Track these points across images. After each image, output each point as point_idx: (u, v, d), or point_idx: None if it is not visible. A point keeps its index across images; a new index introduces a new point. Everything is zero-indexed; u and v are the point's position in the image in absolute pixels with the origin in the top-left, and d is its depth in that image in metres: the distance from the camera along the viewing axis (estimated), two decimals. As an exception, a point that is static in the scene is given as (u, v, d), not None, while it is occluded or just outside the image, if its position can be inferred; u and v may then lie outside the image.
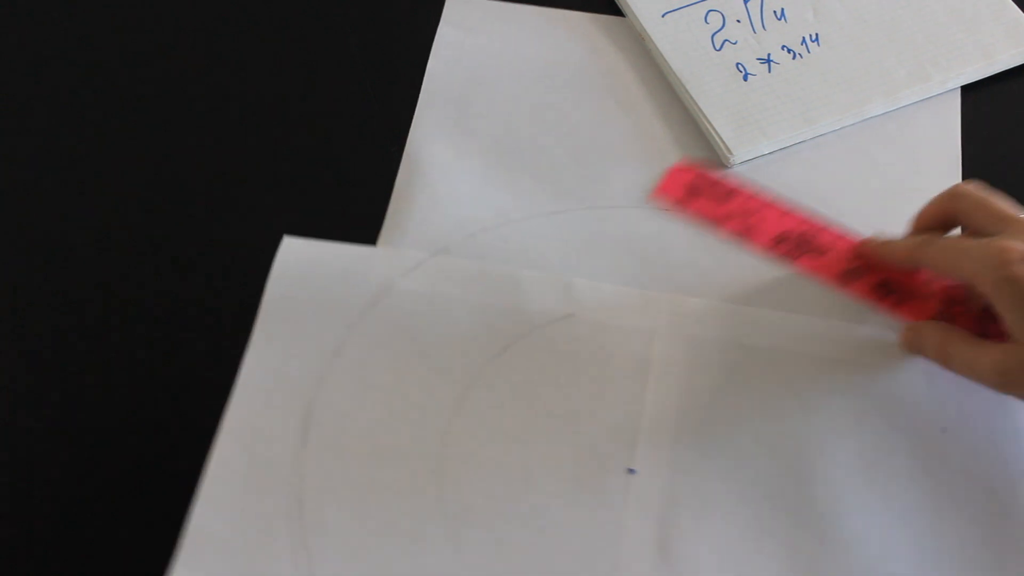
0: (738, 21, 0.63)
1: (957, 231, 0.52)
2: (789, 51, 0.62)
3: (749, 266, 0.55)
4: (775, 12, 0.64)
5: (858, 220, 0.57)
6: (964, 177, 0.59)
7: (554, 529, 0.48)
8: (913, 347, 0.51)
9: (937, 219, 0.51)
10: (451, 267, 0.55)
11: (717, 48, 0.62)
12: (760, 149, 0.59)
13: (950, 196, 0.51)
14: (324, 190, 0.58)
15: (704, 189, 0.55)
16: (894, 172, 0.59)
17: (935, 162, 0.59)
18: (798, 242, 0.53)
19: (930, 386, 0.51)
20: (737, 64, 0.62)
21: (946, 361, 0.49)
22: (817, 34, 0.63)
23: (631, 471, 0.49)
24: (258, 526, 0.47)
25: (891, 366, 0.51)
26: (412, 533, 0.47)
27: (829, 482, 0.49)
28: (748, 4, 0.64)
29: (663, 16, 0.63)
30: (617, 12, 0.65)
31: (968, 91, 0.62)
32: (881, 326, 0.53)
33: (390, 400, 0.50)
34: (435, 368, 0.51)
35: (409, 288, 0.54)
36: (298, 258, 0.55)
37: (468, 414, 0.50)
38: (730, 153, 0.58)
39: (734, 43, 0.62)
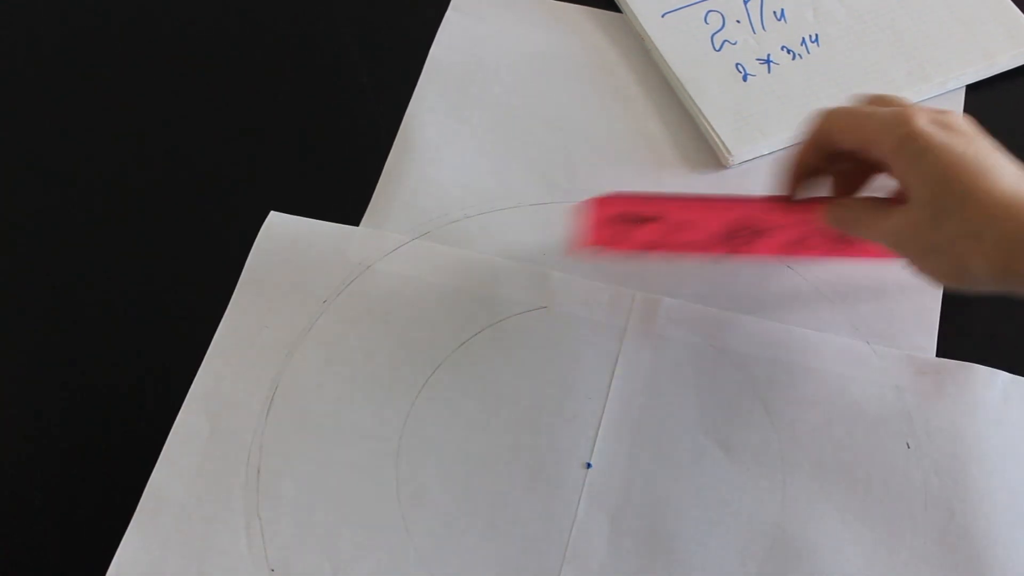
0: (738, 22, 0.63)
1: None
2: (789, 51, 0.62)
3: (725, 269, 0.55)
4: (775, 13, 0.63)
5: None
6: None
7: (507, 517, 0.48)
8: (837, 222, 0.49)
9: (814, 149, 0.49)
10: (430, 251, 0.55)
11: (717, 48, 0.62)
12: (759, 150, 0.58)
13: (823, 116, 0.48)
14: (316, 169, 0.59)
15: (629, 215, 0.51)
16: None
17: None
18: (750, 231, 0.52)
19: (898, 400, 0.50)
20: (737, 64, 0.61)
21: (856, 227, 0.47)
22: (817, 34, 0.62)
23: (588, 465, 0.49)
24: (214, 493, 0.48)
25: (861, 377, 0.51)
26: (366, 511, 0.48)
27: (787, 488, 0.48)
28: (748, 4, 0.63)
29: (663, 16, 0.63)
30: (618, 8, 0.65)
31: (968, 91, 0.61)
32: (852, 336, 0.53)
33: (356, 378, 0.51)
34: (404, 350, 0.52)
35: (387, 269, 0.54)
36: (282, 233, 0.55)
37: (432, 398, 0.51)
38: (729, 154, 0.58)
39: (734, 43, 0.62)
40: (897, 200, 0.45)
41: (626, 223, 0.49)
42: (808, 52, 0.61)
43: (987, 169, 0.42)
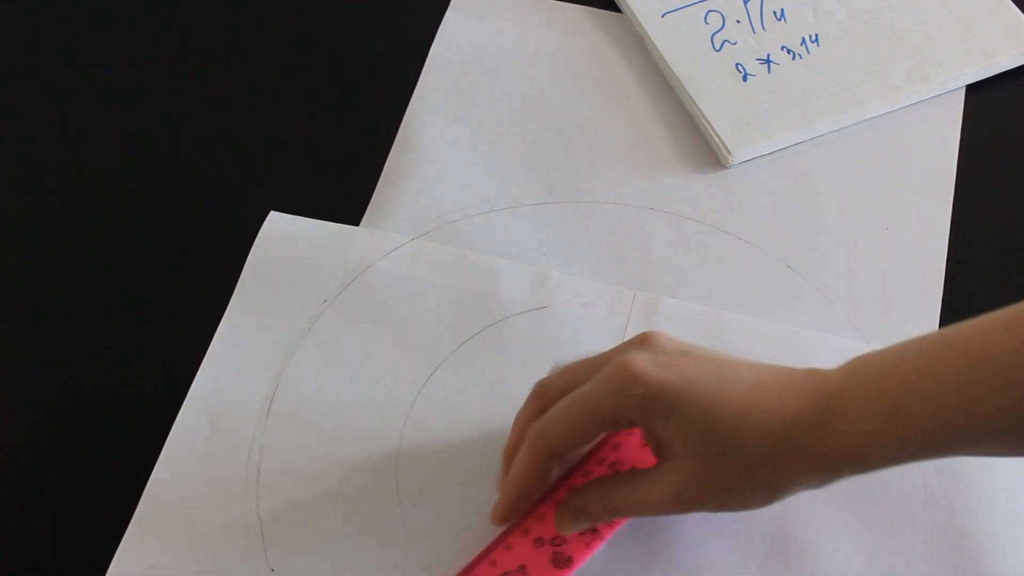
0: (738, 21, 0.63)
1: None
2: (789, 51, 0.62)
3: (726, 269, 0.55)
4: (775, 12, 0.63)
5: (856, 220, 0.57)
6: (959, 178, 0.58)
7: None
8: (578, 519, 0.45)
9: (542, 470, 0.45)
10: (430, 251, 0.55)
11: (717, 48, 0.62)
12: (759, 150, 0.58)
13: (537, 446, 0.44)
14: (316, 169, 0.59)
15: None
16: (892, 172, 0.58)
17: (933, 162, 0.59)
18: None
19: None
20: (736, 64, 0.61)
21: (616, 510, 0.44)
22: (817, 34, 0.62)
23: (588, 465, 0.49)
24: (214, 493, 0.48)
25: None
26: (366, 512, 0.48)
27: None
28: (748, 4, 0.63)
29: (663, 16, 0.63)
30: (618, 8, 0.65)
31: (968, 91, 0.61)
32: (853, 337, 0.53)
33: (356, 378, 0.51)
34: (404, 350, 0.52)
35: (387, 269, 0.54)
36: (282, 233, 0.55)
37: (432, 398, 0.51)
38: (729, 153, 0.58)
39: (734, 43, 0.62)
40: (631, 461, 0.45)
41: None
42: (808, 52, 0.61)
43: (730, 382, 0.41)
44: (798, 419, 0.40)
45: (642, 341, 0.43)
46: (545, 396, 0.45)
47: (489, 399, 0.51)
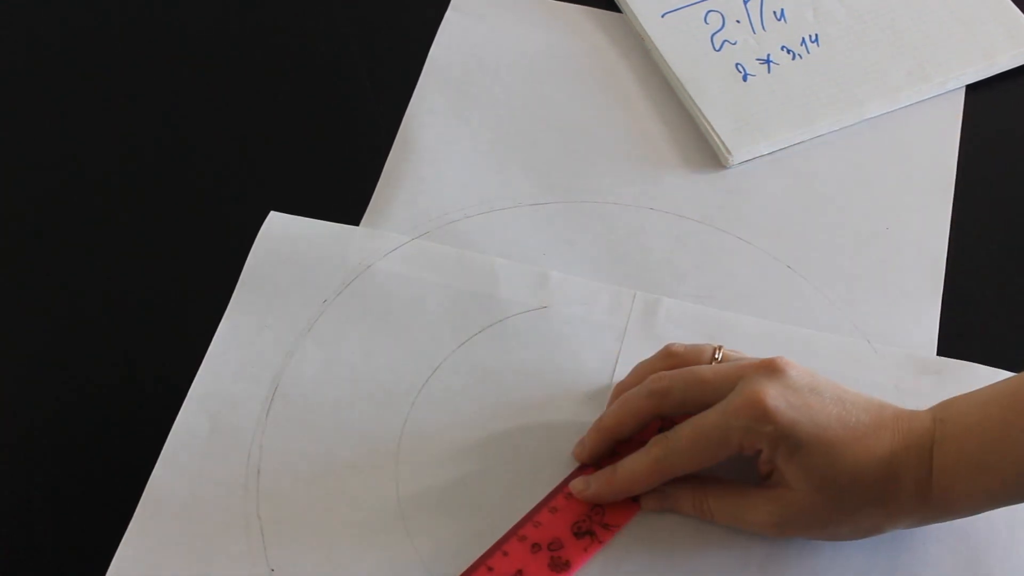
0: (738, 22, 0.63)
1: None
2: (789, 51, 0.62)
3: (726, 269, 0.55)
4: (775, 12, 0.63)
5: (856, 220, 0.57)
6: (959, 178, 0.58)
7: (507, 517, 0.48)
8: (663, 504, 0.47)
9: (639, 418, 0.47)
10: (430, 251, 0.55)
11: (717, 48, 0.62)
12: (759, 149, 0.58)
13: (655, 398, 0.46)
14: (316, 169, 0.59)
15: None
16: (892, 172, 0.58)
17: (932, 162, 0.59)
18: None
19: (899, 400, 0.50)
20: (736, 64, 0.61)
21: (706, 515, 0.46)
22: (817, 34, 0.62)
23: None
24: (214, 492, 0.48)
25: (861, 377, 0.51)
26: (365, 512, 0.48)
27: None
28: (748, 4, 0.63)
29: (663, 16, 0.63)
30: (618, 8, 0.65)
31: (968, 91, 0.61)
32: (852, 336, 0.53)
33: (356, 378, 0.51)
34: (404, 350, 0.52)
35: (386, 269, 0.54)
36: (282, 233, 0.55)
37: (432, 397, 0.51)
38: (729, 153, 0.58)
39: (733, 43, 0.62)
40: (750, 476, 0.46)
41: None
42: (808, 52, 0.61)
43: (852, 427, 0.43)
44: (904, 470, 0.43)
45: (772, 370, 0.44)
46: (666, 397, 0.46)
47: (489, 399, 0.51)
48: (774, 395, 0.43)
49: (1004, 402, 0.43)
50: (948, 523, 0.47)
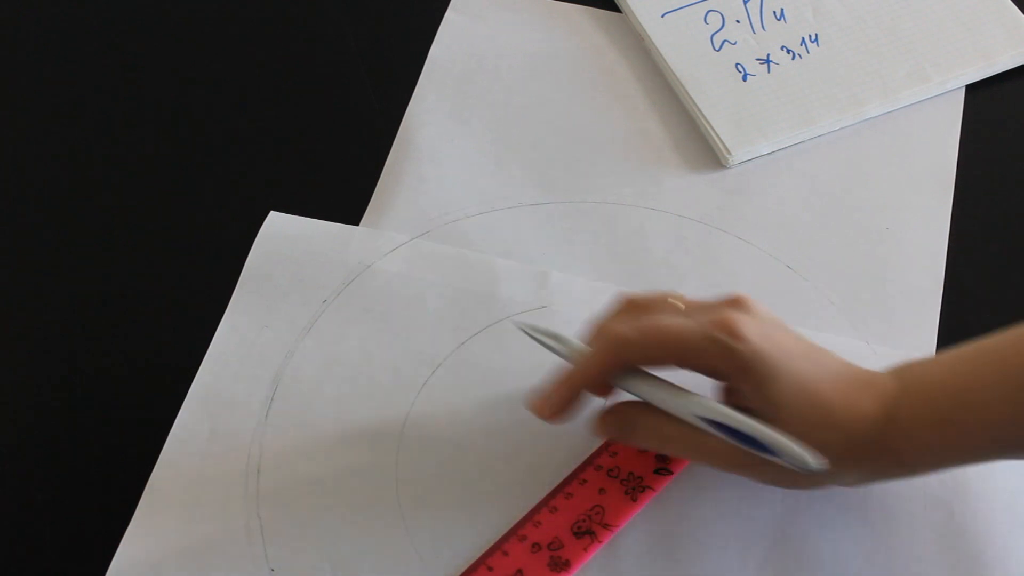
0: (737, 21, 0.63)
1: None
2: (788, 51, 0.62)
3: (726, 269, 0.55)
4: (775, 12, 0.63)
5: (856, 220, 0.57)
6: (959, 178, 0.58)
7: (507, 517, 0.48)
8: (623, 431, 0.46)
9: (606, 373, 0.45)
10: (429, 251, 0.55)
11: (716, 48, 0.62)
12: (759, 149, 0.58)
13: (616, 348, 0.44)
14: (316, 169, 0.59)
15: None
16: (892, 172, 0.58)
17: (933, 162, 0.59)
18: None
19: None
20: (736, 64, 0.61)
21: (667, 443, 0.45)
22: (817, 34, 0.62)
23: (588, 465, 0.49)
24: (214, 492, 0.48)
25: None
26: (365, 512, 0.48)
27: (786, 489, 0.48)
28: (748, 4, 0.63)
29: (663, 16, 0.63)
30: (618, 8, 0.65)
31: (968, 91, 0.61)
32: (853, 337, 0.53)
33: (356, 378, 0.51)
34: (404, 350, 0.52)
35: (386, 269, 0.54)
36: (281, 233, 0.55)
37: (432, 397, 0.51)
38: (728, 153, 0.58)
39: (733, 43, 0.62)
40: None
41: None
42: (808, 52, 0.61)
43: (823, 367, 0.43)
44: (868, 418, 0.43)
45: (740, 303, 0.44)
46: (628, 344, 0.44)
47: (489, 399, 0.51)
48: (746, 321, 0.42)
49: (968, 359, 0.43)
50: (947, 521, 0.47)
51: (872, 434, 0.42)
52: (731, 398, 0.45)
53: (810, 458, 0.41)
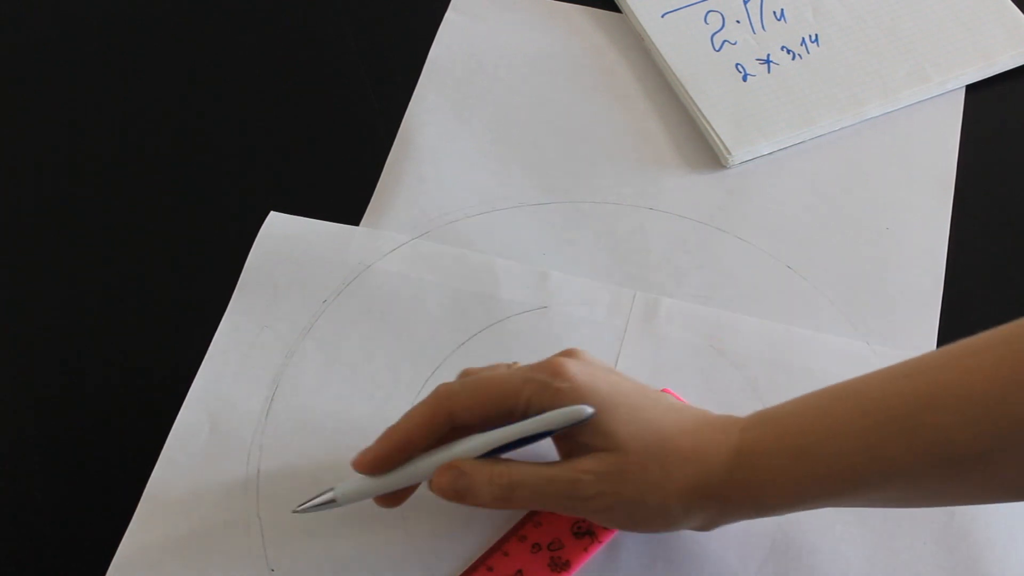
0: (738, 22, 0.63)
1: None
2: (788, 51, 0.62)
3: (726, 269, 0.55)
4: (775, 13, 0.63)
5: (856, 220, 0.57)
6: (959, 178, 0.58)
7: (506, 519, 0.48)
8: (455, 484, 0.42)
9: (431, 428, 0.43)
10: (429, 251, 0.55)
11: (716, 48, 0.62)
12: (759, 150, 0.58)
13: (439, 397, 0.43)
14: (316, 169, 0.59)
15: None
16: (892, 172, 0.58)
17: (933, 162, 0.59)
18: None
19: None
20: (736, 64, 0.61)
21: (507, 495, 0.42)
22: (817, 34, 0.62)
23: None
24: (214, 493, 0.48)
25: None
26: (365, 511, 0.48)
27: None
28: (748, 5, 0.63)
29: (663, 16, 0.63)
30: (618, 8, 0.65)
31: (968, 91, 0.61)
32: (853, 337, 0.53)
33: (356, 379, 0.51)
34: (404, 350, 0.52)
35: (386, 269, 0.54)
36: (281, 233, 0.55)
37: (432, 398, 0.51)
38: (728, 153, 0.58)
39: (733, 43, 0.62)
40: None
41: None
42: (808, 52, 0.61)
43: (654, 400, 0.43)
44: (717, 452, 0.41)
45: (570, 352, 0.44)
46: (452, 398, 0.43)
47: (489, 399, 0.51)
48: (570, 363, 0.42)
49: (824, 397, 0.42)
50: (947, 521, 0.47)
51: (722, 468, 0.41)
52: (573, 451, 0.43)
53: (584, 409, 0.40)
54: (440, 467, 0.42)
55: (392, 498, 0.45)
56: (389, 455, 0.43)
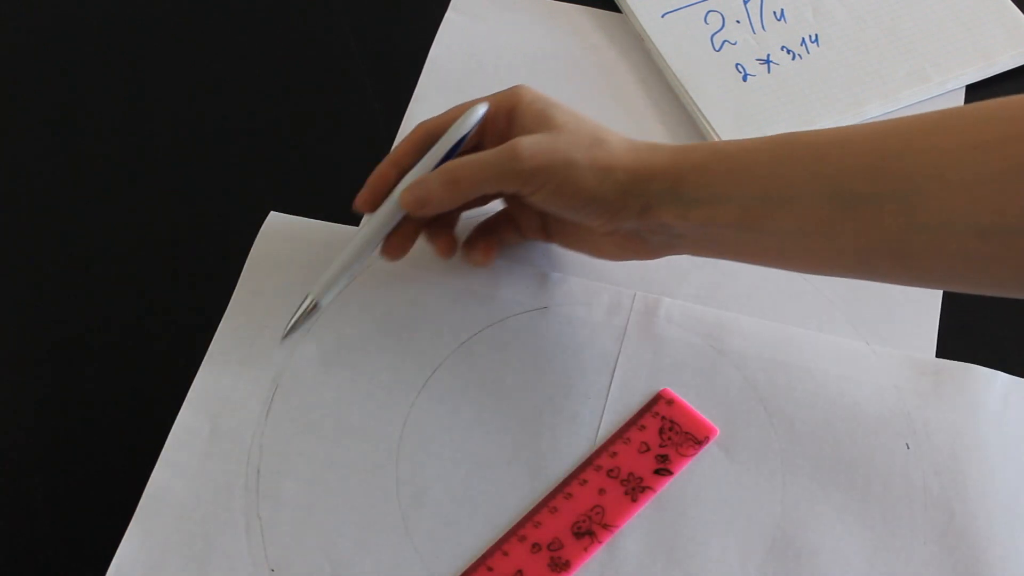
0: (738, 22, 0.63)
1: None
2: (788, 52, 0.62)
3: (725, 269, 0.55)
4: (775, 13, 0.63)
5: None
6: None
7: (507, 517, 0.48)
8: (419, 202, 0.49)
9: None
10: (430, 251, 0.55)
11: (717, 49, 0.62)
12: (759, 151, 0.58)
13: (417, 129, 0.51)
14: (316, 169, 0.59)
15: None
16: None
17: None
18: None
19: (898, 401, 0.50)
20: (736, 64, 0.61)
21: (457, 184, 0.48)
22: (817, 35, 0.62)
23: (588, 465, 0.49)
24: (214, 493, 0.48)
25: (860, 378, 0.51)
26: (365, 511, 0.48)
27: (787, 489, 0.48)
28: (748, 5, 0.63)
29: (663, 16, 0.63)
30: (618, 8, 0.65)
31: (968, 91, 0.61)
32: (853, 337, 0.53)
33: (356, 378, 0.51)
34: (404, 349, 0.52)
35: (387, 269, 0.54)
36: (281, 233, 0.55)
37: (432, 397, 0.51)
38: (728, 154, 0.58)
39: (734, 44, 0.62)
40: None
41: None
42: (808, 52, 0.61)
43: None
44: (642, 143, 0.47)
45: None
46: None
47: (489, 399, 0.51)
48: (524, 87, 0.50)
49: (784, 140, 0.45)
50: (947, 521, 0.47)
51: (650, 153, 0.46)
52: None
53: (477, 108, 0.49)
54: (404, 189, 0.50)
55: (394, 247, 0.51)
56: (381, 183, 0.51)
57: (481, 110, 0.49)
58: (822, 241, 0.43)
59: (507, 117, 0.50)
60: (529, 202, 0.48)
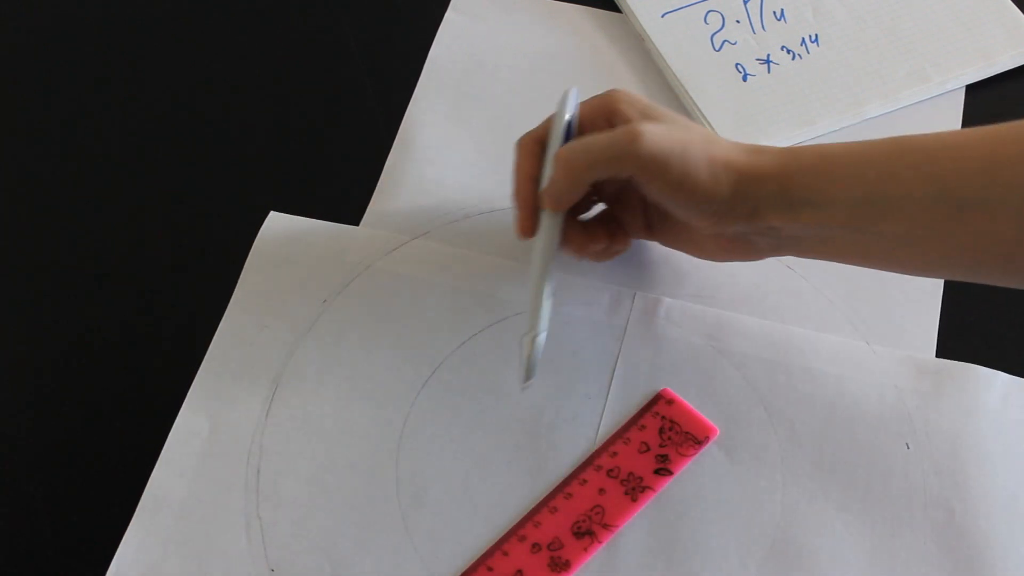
0: (738, 22, 0.63)
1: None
2: (788, 51, 0.62)
3: (725, 269, 0.55)
4: (775, 13, 0.63)
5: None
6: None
7: (507, 517, 0.48)
8: (554, 198, 0.49)
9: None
10: (430, 251, 0.55)
11: (716, 48, 0.62)
12: (759, 151, 0.59)
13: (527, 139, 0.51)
14: (316, 169, 0.59)
15: None
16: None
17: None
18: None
19: (898, 401, 0.50)
20: (736, 64, 0.61)
21: (571, 166, 0.47)
22: (817, 34, 0.62)
23: (588, 465, 0.49)
24: (214, 492, 0.48)
25: (860, 378, 0.51)
26: (365, 511, 0.48)
27: (787, 488, 0.48)
28: (748, 5, 0.63)
29: (663, 16, 0.63)
30: (618, 8, 0.65)
31: (968, 91, 0.61)
32: (853, 337, 0.53)
33: (356, 378, 0.51)
34: (404, 349, 0.52)
35: (387, 269, 0.54)
36: (282, 233, 0.55)
37: (432, 397, 0.51)
38: (728, 154, 0.58)
39: (734, 43, 0.62)
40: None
41: None
42: (808, 52, 0.61)
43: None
44: (752, 146, 0.46)
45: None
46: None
47: (489, 399, 0.51)
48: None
49: (888, 149, 0.44)
50: (947, 521, 0.47)
51: (771, 162, 0.45)
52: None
53: (570, 91, 0.50)
54: (542, 192, 0.49)
55: (591, 249, 0.51)
56: (528, 202, 0.50)
57: (573, 91, 0.50)
58: (931, 244, 0.43)
59: (607, 119, 0.49)
60: (643, 191, 0.47)
